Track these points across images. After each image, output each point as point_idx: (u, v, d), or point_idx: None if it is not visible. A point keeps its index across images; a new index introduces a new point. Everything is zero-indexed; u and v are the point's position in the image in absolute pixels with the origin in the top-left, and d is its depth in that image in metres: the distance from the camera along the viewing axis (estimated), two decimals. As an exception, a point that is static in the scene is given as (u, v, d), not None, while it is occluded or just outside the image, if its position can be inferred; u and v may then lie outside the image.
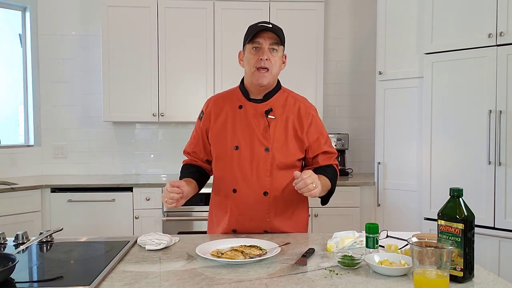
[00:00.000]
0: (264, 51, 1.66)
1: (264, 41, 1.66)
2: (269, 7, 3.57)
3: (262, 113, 1.72)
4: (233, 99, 1.78)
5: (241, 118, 1.73)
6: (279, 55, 1.70)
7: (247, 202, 1.70)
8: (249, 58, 1.69)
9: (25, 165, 3.75)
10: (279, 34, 1.67)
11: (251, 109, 1.74)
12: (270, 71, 1.67)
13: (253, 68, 1.67)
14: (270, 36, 1.66)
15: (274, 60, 1.68)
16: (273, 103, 1.74)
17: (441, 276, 1.05)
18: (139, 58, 3.55)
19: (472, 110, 2.77)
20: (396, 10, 3.23)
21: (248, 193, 1.70)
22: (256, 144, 1.70)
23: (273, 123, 1.71)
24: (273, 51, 1.67)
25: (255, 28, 1.66)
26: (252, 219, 1.71)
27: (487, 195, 2.70)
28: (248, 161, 1.70)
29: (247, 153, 1.70)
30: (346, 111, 4.04)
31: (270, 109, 1.72)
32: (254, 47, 1.67)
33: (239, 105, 1.76)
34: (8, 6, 3.72)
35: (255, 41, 1.66)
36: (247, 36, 1.70)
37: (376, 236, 1.36)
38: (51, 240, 1.58)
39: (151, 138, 3.94)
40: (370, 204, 3.40)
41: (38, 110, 3.83)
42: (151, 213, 3.29)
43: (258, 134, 1.70)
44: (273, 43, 1.67)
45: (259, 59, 1.66)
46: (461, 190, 1.19)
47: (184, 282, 1.18)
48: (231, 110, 1.76)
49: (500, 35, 2.64)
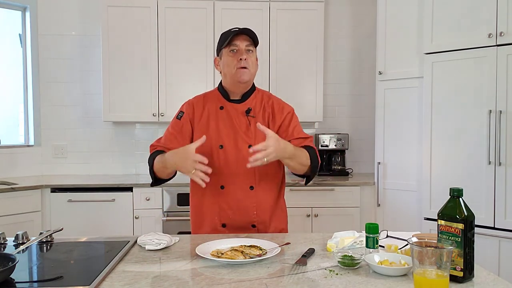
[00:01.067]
0: (242, 52, 1.76)
1: (240, 43, 1.77)
2: (269, 7, 3.57)
3: (242, 112, 1.82)
4: (213, 100, 1.88)
5: (224, 118, 1.83)
6: (254, 56, 1.82)
7: (235, 197, 1.79)
8: (228, 61, 1.78)
9: (25, 165, 3.75)
10: (253, 36, 1.78)
11: (232, 110, 1.83)
12: (249, 69, 1.78)
13: (233, 69, 1.77)
14: (245, 38, 1.77)
15: (251, 60, 1.78)
16: (251, 103, 1.85)
17: (441, 276, 1.05)
18: (139, 58, 3.55)
19: (472, 110, 2.77)
20: (396, 10, 3.23)
21: (235, 188, 1.79)
22: (240, 142, 1.80)
23: (253, 121, 1.81)
24: (249, 52, 1.79)
25: (230, 33, 1.77)
26: (240, 213, 1.80)
27: (487, 195, 2.70)
28: (234, 159, 1.78)
29: (231, 151, 1.79)
30: (346, 111, 4.04)
31: (250, 109, 1.83)
32: (231, 49, 1.77)
33: (220, 106, 1.85)
34: (8, 6, 3.72)
35: (232, 44, 1.77)
36: (223, 41, 1.79)
37: (376, 236, 1.36)
38: (51, 240, 1.58)
39: (151, 138, 3.93)
40: (370, 204, 3.40)
41: (38, 110, 3.83)
42: (151, 213, 3.29)
43: (241, 132, 1.80)
44: (249, 45, 1.78)
45: (238, 60, 1.75)
46: (461, 190, 1.19)
47: (184, 282, 1.18)
48: (212, 111, 1.85)
49: (500, 35, 2.64)
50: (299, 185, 3.34)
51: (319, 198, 3.36)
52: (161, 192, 3.29)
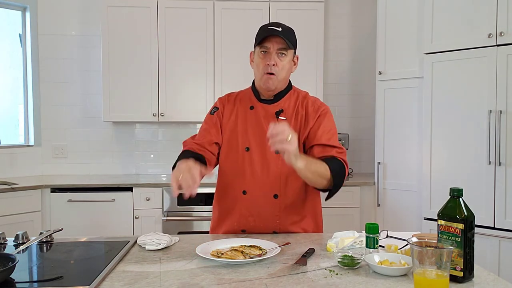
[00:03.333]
0: (272, 56, 1.63)
1: (272, 46, 1.62)
2: (269, 7, 3.57)
3: (272, 114, 1.70)
4: (245, 99, 1.77)
5: (252, 119, 1.72)
6: (287, 59, 1.66)
7: (257, 204, 1.69)
8: (258, 62, 1.67)
9: (25, 165, 3.75)
10: (288, 38, 1.62)
11: (262, 110, 1.72)
12: (277, 76, 1.64)
13: (261, 73, 1.66)
14: (278, 41, 1.62)
15: (282, 65, 1.64)
16: (284, 104, 1.72)
17: (441, 276, 1.05)
18: (139, 58, 3.55)
19: (472, 110, 2.77)
20: (396, 10, 3.23)
21: (258, 195, 1.68)
22: (267, 145, 1.60)
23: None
24: (282, 55, 1.64)
25: (264, 32, 1.63)
26: (262, 220, 1.70)
27: (487, 195, 2.70)
28: (259, 163, 1.68)
29: (258, 155, 1.68)
30: (346, 111, 4.04)
31: (281, 110, 1.71)
32: (262, 51, 1.65)
33: (250, 105, 1.74)
34: (8, 6, 3.72)
35: (263, 45, 1.64)
36: (257, 39, 1.67)
37: (376, 236, 1.36)
38: (51, 240, 1.58)
39: (151, 138, 3.94)
40: (370, 204, 3.40)
41: (38, 110, 3.83)
42: (151, 213, 3.29)
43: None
44: (282, 48, 1.63)
45: (266, 65, 1.63)
46: (461, 190, 1.19)
47: (184, 282, 1.18)
48: (242, 110, 1.75)
49: (500, 35, 2.64)
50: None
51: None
52: (161, 192, 3.29)
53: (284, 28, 1.64)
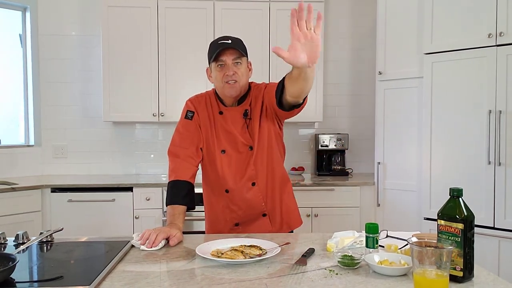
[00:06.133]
0: (229, 67, 1.74)
1: (227, 58, 1.74)
2: (269, 7, 3.56)
3: (240, 116, 1.83)
4: (212, 104, 1.88)
5: (222, 124, 1.84)
6: (243, 66, 1.78)
7: (241, 197, 1.84)
8: (216, 75, 1.79)
9: (25, 165, 3.75)
10: (240, 48, 1.75)
11: (229, 114, 1.84)
12: (239, 82, 1.76)
13: (222, 83, 1.77)
14: (231, 52, 1.74)
15: (240, 72, 1.76)
16: (247, 104, 1.84)
17: (441, 276, 1.05)
18: (139, 58, 3.55)
19: (472, 110, 2.77)
20: (396, 10, 3.23)
21: (241, 189, 1.83)
22: (240, 145, 1.82)
23: (251, 123, 1.82)
24: (238, 64, 1.76)
25: (216, 47, 1.74)
26: (250, 209, 1.85)
27: (487, 195, 2.70)
28: (236, 162, 1.83)
29: (233, 155, 1.83)
30: (346, 111, 4.04)
31: (247, 111, 1.83)
32: (219, 64, 1.76)
33: (219, 110, 1.86)
34: (8, 6, 3.72)
35: (219, 59, 1.75)
36: (210, 55, 1.78)
37: (376, 236, 1.36)
38: (51, 240, 1.58)
39: (151, 138, 3.94)
40: (370, 204, 3.40)
41: (38, 110, 3.83)
42: (151, 213, 3.29)
43: (240, 137, 1.81)
44: (236, 58, 1.75)
45: (225, 75, 1.75)
46: (461, 190, 1.19)
47: (184, 282, 1.18)
48: (212, 115, 1.86)
49: (500, 35, 2.65)
50: (299, 185, 3.34)
51: (319, 198, 3.36)
52: (161, 192, 3.29)
53: (233, 39, 1.77)
